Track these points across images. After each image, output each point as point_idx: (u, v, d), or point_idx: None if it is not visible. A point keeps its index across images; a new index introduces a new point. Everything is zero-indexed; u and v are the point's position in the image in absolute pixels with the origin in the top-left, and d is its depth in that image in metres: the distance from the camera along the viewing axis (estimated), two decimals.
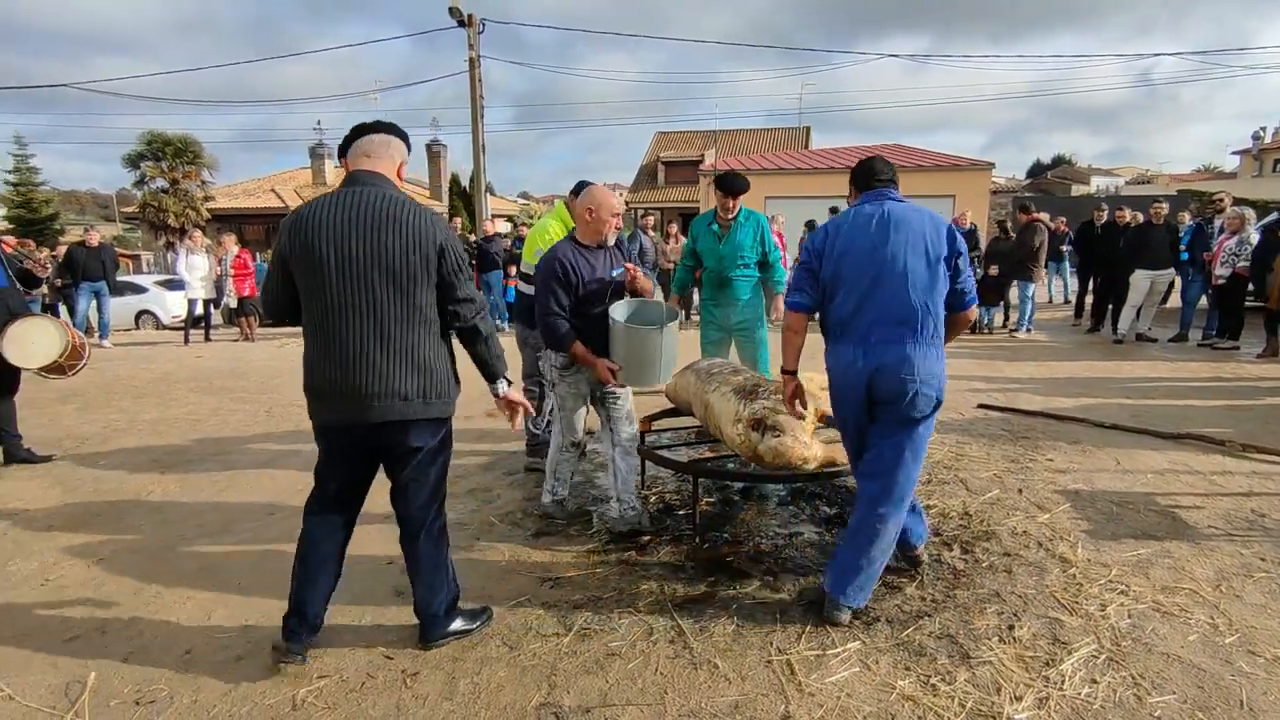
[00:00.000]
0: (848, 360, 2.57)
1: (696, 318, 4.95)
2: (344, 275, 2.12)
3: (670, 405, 4.27)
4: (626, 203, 33.90)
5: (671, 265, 12.25)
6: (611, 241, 3.33)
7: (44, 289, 9.44)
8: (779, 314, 4.52)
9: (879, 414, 2.59)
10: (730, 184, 4.27)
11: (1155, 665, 2.32)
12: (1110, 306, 9.39)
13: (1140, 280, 8.58)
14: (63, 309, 11.35)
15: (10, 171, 31.11)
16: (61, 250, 11.84)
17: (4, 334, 4.36)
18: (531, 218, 26.00)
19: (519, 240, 11.18)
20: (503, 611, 2.72)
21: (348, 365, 2.16)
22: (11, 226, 29.01)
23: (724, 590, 2.85)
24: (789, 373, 2.80)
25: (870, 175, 2.72)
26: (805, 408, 2.89)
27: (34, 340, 4.50)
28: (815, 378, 3.26)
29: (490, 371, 2.44)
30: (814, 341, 2.79)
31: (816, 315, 2.75)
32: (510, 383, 2.52)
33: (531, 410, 2.60)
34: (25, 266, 4.78)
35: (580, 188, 4.27)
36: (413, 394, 2.21)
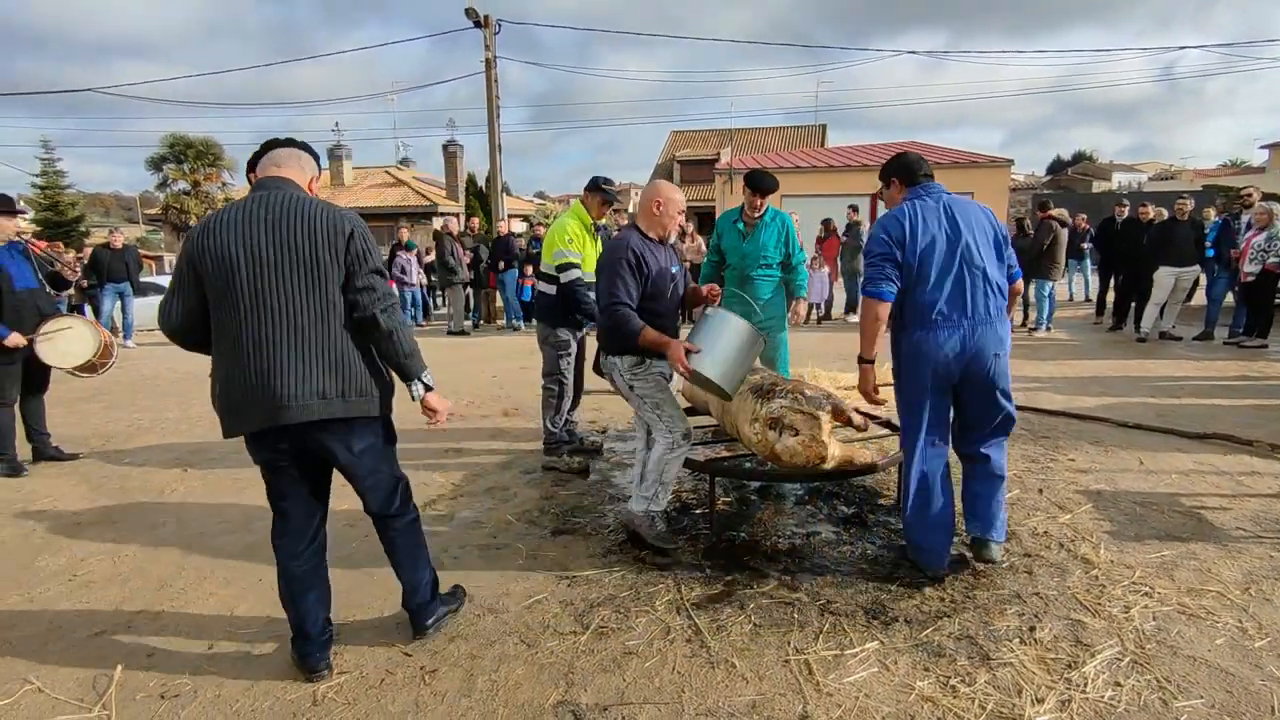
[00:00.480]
0: (940, 342, 2.71)
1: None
2: (255, 275, 2.06)
3: (686, 405, 4.27)
4: None
5: (686, 263, 12.24)
6: (673, 239, 3.26)
7: (71, 290, 9.61)
8: (799, 318, 4.50)
9: (969, 393, 2.82)
10: (760, 182, 4.24)
11: (1181, 669, 2.28)
12: (1133, 304, 9.25)
13: (1164, 277, 8.44)
14: (88, 309, 11.55)
15: (38, 175, 31.68)
16: (87, 252, 12.05)
17: (38, 334, 4.44)
18: (548, 217, 26.09)
19: (535, 240, 11.21)
20: (520, 610, 2.74)
21: (263, 369, 2.07)
22: (39, 229, 29.57)
23: (741, 589, 2.84)
24: (869, 362, 2.82)
25: (916, 170, 2.86)
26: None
27: (68, 340, 4.60)
28: (840, 377, 3.25)
29: (400, 371, 2.27)
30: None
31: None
32: (429, 386, 2.32)
33: (445, 421, 2.42)
34: (55, 269, 4.87)
35: (594, 184, 4.29)
36: (331, 392, 2.12)
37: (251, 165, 2.32)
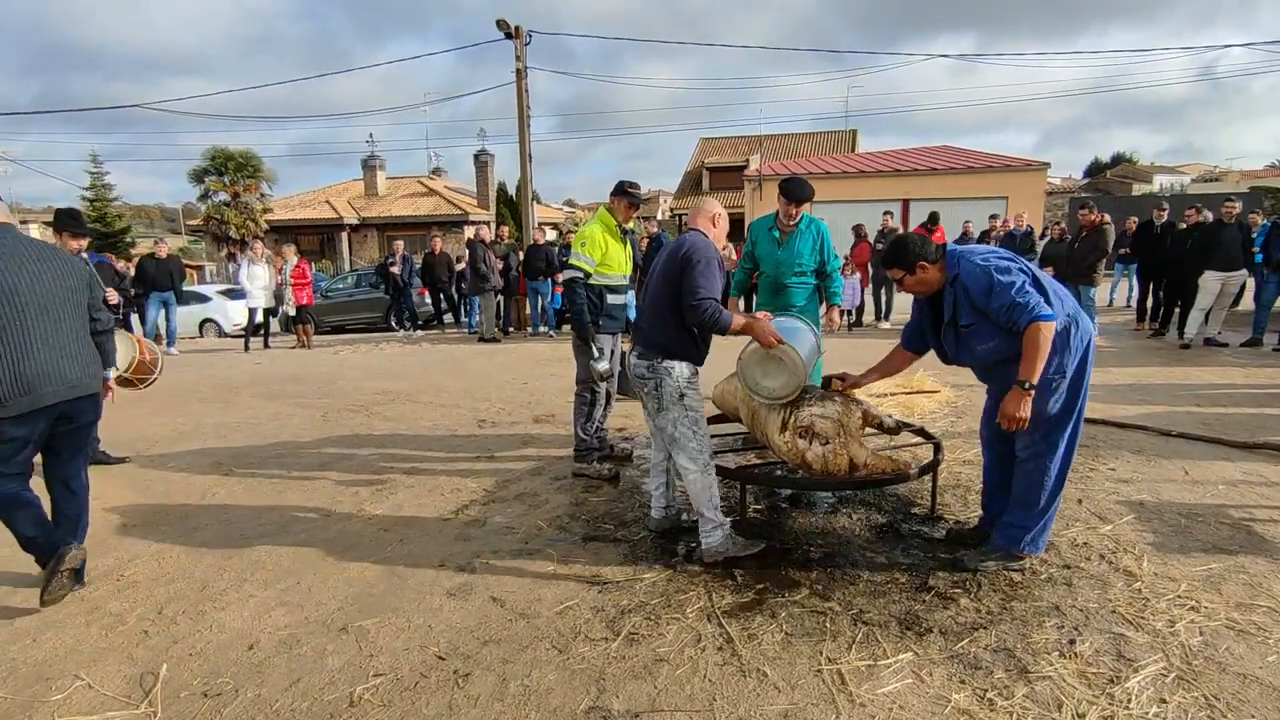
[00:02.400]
0: (1086, 327, 2.81)
1: None
2: (38, 295, 2.85)
3: (716, 412, 4.27)
4: (671, 209, 33.94)
5: None
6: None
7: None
8: (833, 325, 4.46)
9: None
10: (794, 191, 4.21)
11: (1231, 686, 2.21)
12: (1177, 309, 8.99)
13: (1210, 282, 8.20)
14: (134, 318, 11.92)
15: (87, 188, 32.84)
16: (134, 263, 12.45)
17: None
18: (576, 225, 26.26)
19: (565, 248, 11.28)
20: (552, 615, 2.75)
21: (54, 360, 2.87)
22: (88, 240, 30.58)
23: (772, 598, 2.82)
24: (1034, 388, 2.72)
25: (930, 244, 2.98)
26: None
27: None
28: (871, 385, 3.22)
29: (108, 360, 3.28)
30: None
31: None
32: (116, 368, 3.88)
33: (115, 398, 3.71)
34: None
35: (620, 188, 4.32)
36: (93, 374, 3.05)
37: None
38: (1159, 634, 2.50)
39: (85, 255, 4.86)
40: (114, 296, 5.12)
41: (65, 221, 4.60)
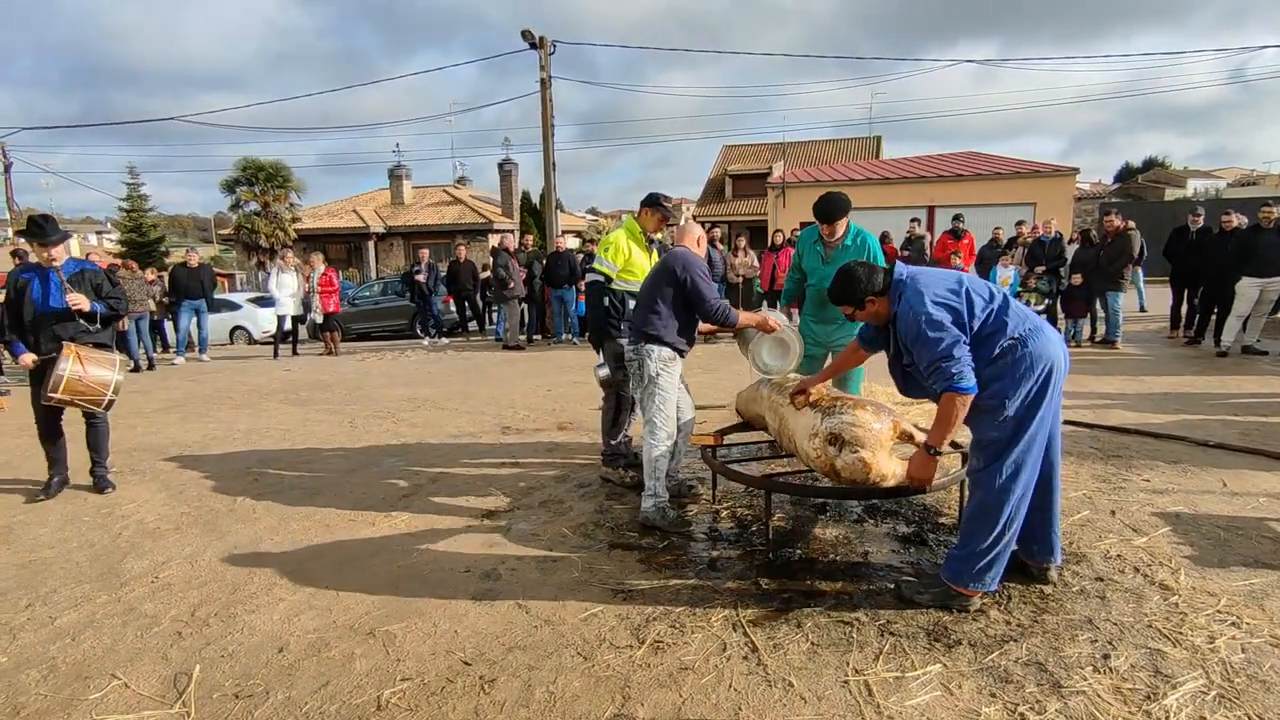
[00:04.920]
0: (1057, 341, 2.66)
1: None
2: None
3: (740, 419, 4.25)
4: (694, 216, 33.97)
5: (740, 279, 12.19)
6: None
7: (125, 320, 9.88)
8: None
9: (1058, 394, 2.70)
10: (822, 211, 4.21)
11: (1276, 705, 2.15)
12: (1214, 317, 8.78)
13: (1248, 288, 8.00)
14: (168, 325, 12.20)
15: (124, 199, 33.74)
16: (166, 272, 12.76)
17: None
18: (600, 233, 26.38)
19: (589, 256, 11.33)
20: (577, 622, 2.76)
21: None
22: (124, 249, 31.46)
23: (798, 607, 2.80)
24: (938, 454, 2.78)
25: (875, 275, 2.84)
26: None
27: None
28: (899, 394, 3.18)
29: None
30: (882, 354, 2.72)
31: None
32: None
33: None
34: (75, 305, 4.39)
35: (654, 200, 4.36)
36: None
37: None
38: (1198, 650, 2.43)
39: (59, 265, 4.37)
40: (84, 303, 4.39)
41: (33, 232, 4.35)
